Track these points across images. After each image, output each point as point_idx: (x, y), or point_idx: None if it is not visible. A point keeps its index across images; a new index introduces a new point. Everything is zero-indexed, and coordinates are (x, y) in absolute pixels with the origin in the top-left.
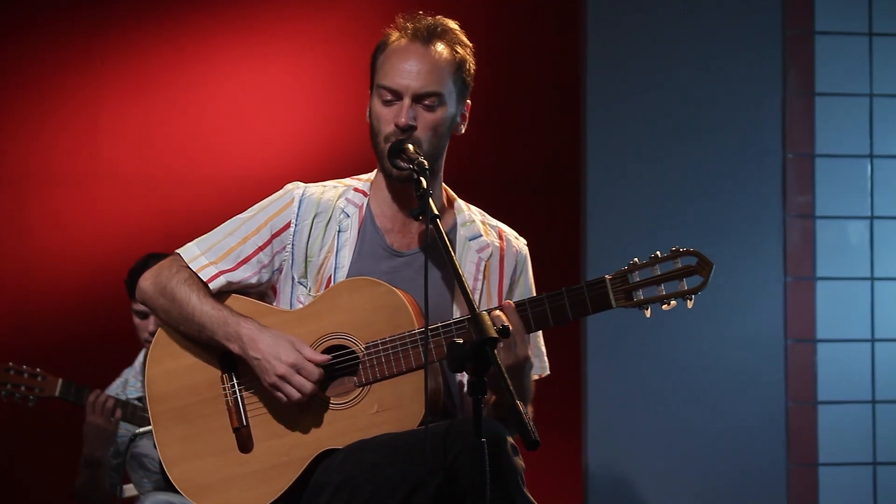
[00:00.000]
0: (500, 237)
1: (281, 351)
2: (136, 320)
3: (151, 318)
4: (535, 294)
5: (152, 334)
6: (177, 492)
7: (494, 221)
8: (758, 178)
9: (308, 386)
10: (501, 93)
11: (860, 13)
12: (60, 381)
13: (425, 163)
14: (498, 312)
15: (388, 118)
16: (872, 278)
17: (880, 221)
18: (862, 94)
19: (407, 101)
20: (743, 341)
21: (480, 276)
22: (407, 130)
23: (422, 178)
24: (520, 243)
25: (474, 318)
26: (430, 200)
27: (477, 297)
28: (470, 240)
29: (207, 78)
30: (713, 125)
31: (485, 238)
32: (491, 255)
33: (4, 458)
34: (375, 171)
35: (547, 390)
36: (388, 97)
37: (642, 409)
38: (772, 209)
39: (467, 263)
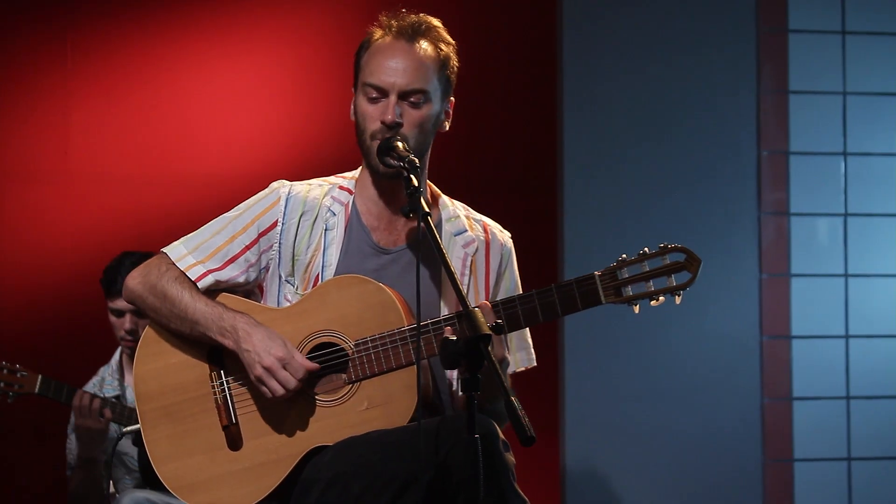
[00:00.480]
0: (485, 231)
1: (272, 345)
2: (112, 318)
3: (128, 316)
4: (520, 286)
5: (129, 332)
6: (156, 489)
7: (478, 216)
8: (732, 176)
9: (292, 382)
10: (477, 90)
11: (833, 11)
12: (40, 377)
13: (416, 160)
14: (487, 304)
15: (374, 115)
16: (846, 275)
17: (854, 218)
18: (835, 91)
19: (393, 98)
20: (718, 338)
21: (467, 271)
22: (393, 128)
23: (412, 176)
24: (504, 236)
25: (468, 315)
26: (420, 198)
27: (464, 291)
28: (455, 235)
29: (181, 75)
30: (688, 122)
31: (470, 233)
32: (477, 250)
33: None
34: (360, 168)
35: (524, 387)
36: (374, 95)
37: (619, 407)
38: (746, 206)
39: (454, 259)
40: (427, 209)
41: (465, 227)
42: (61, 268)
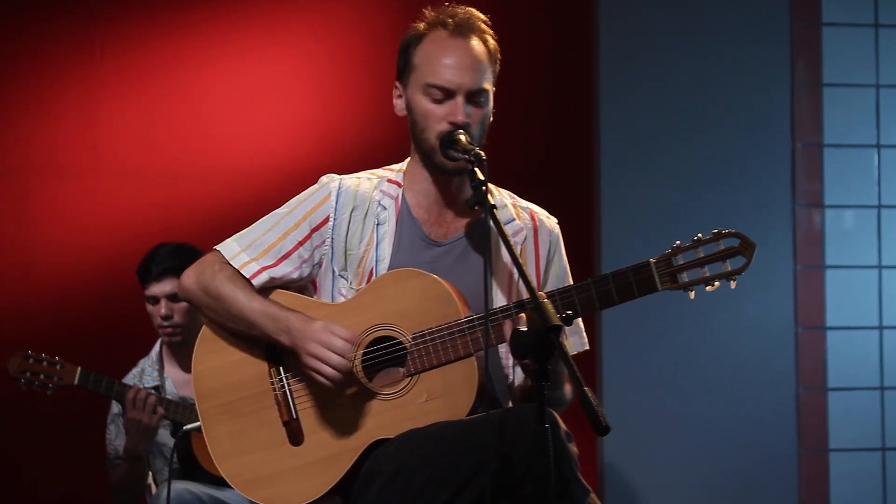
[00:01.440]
0: (532, 218)
1: (330, 338)
2: (149, 307)
3: (163, 302)
4: (569, 272)
5: (164, 318)
6: (195, 480)
7: (525, 203)
8: (767, 168)
9: (348, 366)
10: (515, 85)
11: (866, 4)
12: (79, 369)
13: (482, 154)
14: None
15: (440, 116)
16: (880, 266)
17: (887, 210)
18: (869, 84)
19: (460, 98)
20: (754, 329)
21: (507, 251)
22: (463, 128)
23: (476, 169)
24: (552, 222)
25: (538, 306)
26: (487, 191)
27: (516, 279)
28: (504, 224)
29: (207, 70)
30: (723, 116)
31: (518, 221)
32: (525, 238)
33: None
34: (406, 162)
35: None
36: (439, 95)
37: (656, 396)
38: (781, 198)
39: (504, 248)
40: (493, 202)
41: (512, 215)
42: (91, 262)
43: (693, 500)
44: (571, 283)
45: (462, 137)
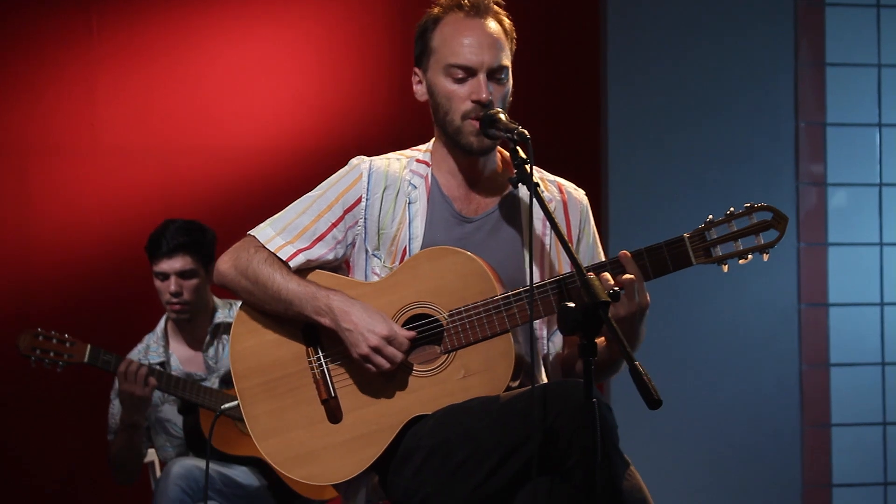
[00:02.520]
0: (561, 191)
1: (374, 323)
2: (157, 283)
3: (172, 279)
4: (599, 243)
5: (174, 294)
6: (201, 456)
7: (551, 176)
8: (771, 147)
9: (399, 356)
10: (523, 65)
11: None
12: (89, 347)
13: (525, 132)
14: (606, 274)
15: (463, 95)
16: (881, 243)
17: (888, 188)
18: (871, 64)
19: (482, 76)
20: (758, 306)
21: (549, 233)
22: (487, 106)
23: (518, 148)
24: (580, 194)
25: (585, 282)
26: (529, 168)
27: (548, 252)
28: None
29: (204, 48)
30: (729, 95)
31: (547, 194)
32: (555, 211)
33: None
34: (431, 142)
35: None
36: (461, 75)
37: (661, 372)
38: (785, 177)
39: (535, 221)
40: (536, 179)
41: (542, 189)
42: (90, 240)
43: (698, 474)
44: (601, 253)
45: (503, 116)
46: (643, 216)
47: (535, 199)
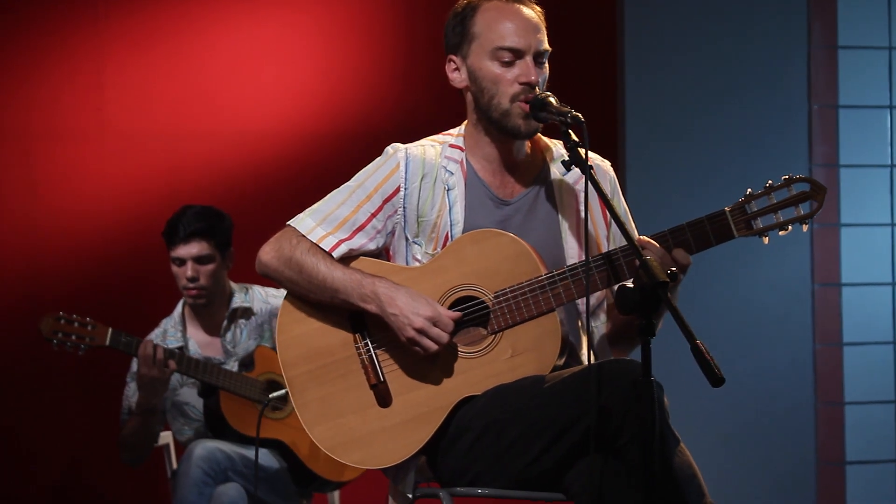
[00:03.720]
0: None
1: (418, 306)
2: (174, 268)
3: (189, 264)
4: (629, 213)
5: (190, 279)
6: (222, 438)
7: None
8: (785, 129)
9: (445, 337)
10: None
11: None
12: (110, 330)
13: (580, 115)
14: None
15: (511, 78)
16: (893, 224)
17: None
18: (882, 46)
19: (529, 59)
20: (772, 286)
21: (583, 208)
22: (533, 87)
23: (570, 131)
24: (606, 165)
25: (644, 262)
26: (587, 152)
27: (583, 228)
28: (564, 175)
29: (210, 32)
30: (744, 79)
31: (576, 170)
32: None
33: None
34: (463, 127)
35: None
36: (508, 58)
37: (676, 351)
38: (799, 158)
39: (568, 197)
40: (589, 161)
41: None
42: (97, 224)
43: (712, 451)
44: (632, 224)
45: (553, 99)
46: (661, 201)
47: (590, 183)
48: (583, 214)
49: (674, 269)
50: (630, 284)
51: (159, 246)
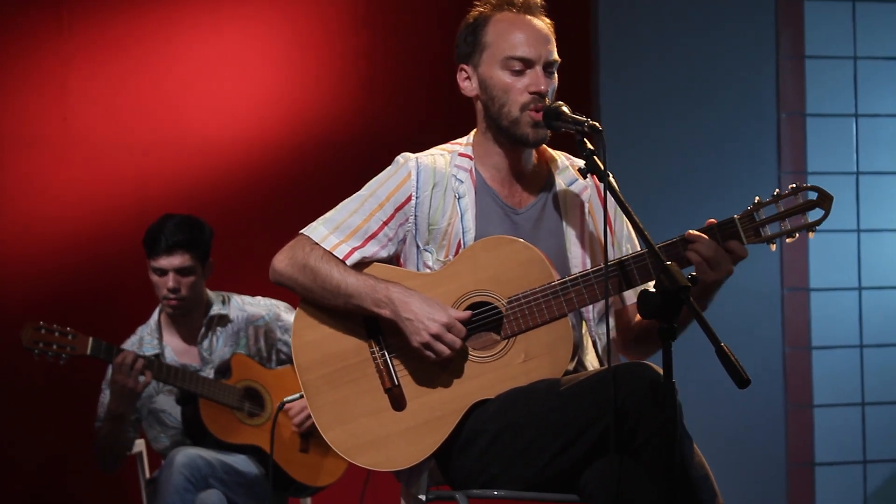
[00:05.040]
0: (592, 176)
1: (433, 311)
2: (154, 278)
3: (171, 275)
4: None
5: (171, 290)
6: (201, 445)
7: (578, 161)
8: (755, 137)
9: (458, 342)
10: None
11: None
12: (91, 339)
13: (597, 124)
14: (704, 237)
15: (521, 87)
16: (859, 230)
17: (865, 176)
18: (847, 56)
19: (539, 68)
20: (743, 291)
21: (588, 218)
22: (543, 97)
23: (585, 139)
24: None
25: (665, 268)
26: (605, 160)
27: (588, 237)
28: (569, 185)
29: (176, 41)
30: (714, 87)
31: (580, 180)
32: (591, 195)
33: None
34: (471, 136)
35: None
36: (518, 67)
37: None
38: (768, 166)
39: (573, 209)
40: (602, 168)
41: (574, 175)
42: (63, 233)
43: None
44: (634, 234)
45: (566, 109)
46: (634, 203)
47: (608, 191)
48: (601, 223)
49: (694, 273)
50: (652, 288)
51: (126, 254)
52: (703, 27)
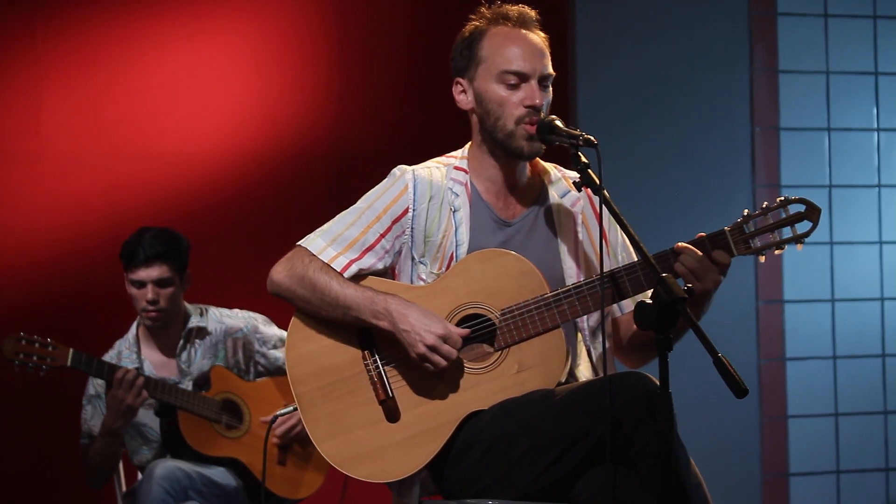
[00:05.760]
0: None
1: (430, 323)
2: (133, 290)
3: (149, 287)
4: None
5: (150, 302)
6: (180, 458)
7: (571, 173)
8: (730, 151)
9: (454, 353)
10: None
11: None
12: (71, 350)
13: (592, 138)
14: (693, 250)
15: (516, 101)
16: (832, 242)
17: (837, 189)
18: (819, 71)
19: (534, 82)
20: (718, 304)
21: (581, 230)
22: (538, 110)
23: (580, 153)
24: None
25: (661, 280)
26: (600, 172)
27: (582, 249)
28: (562, 197)
29: (151, 54)
30: (689, 101)
31: (573, 192)
32: (583, 207)
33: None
34: (466, 149)
35: None
36: (513, 81)
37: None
38: (742, 180)
39: (567, 221)
40: (597, 181)
41: (567, 187)
42: (37, 245)
43: None
44: (629, 245)
45: (559, 123)
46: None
47: (604, 203)
48: (595, 233)
49: (690, 285)
50: (648, 300)
51: (99, 268)
52: (678, 41)
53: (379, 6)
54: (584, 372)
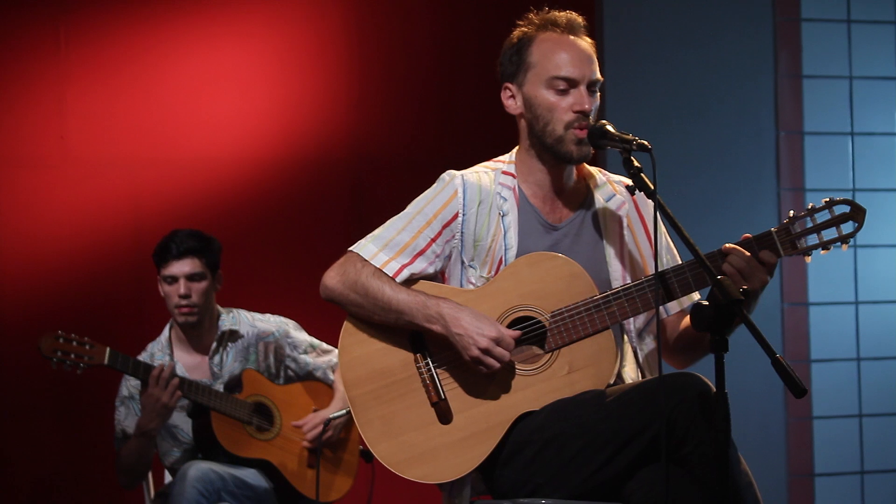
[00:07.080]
0: (627, 188)
1: (483, 326)
2: (165, 287)
3: (181, 281)
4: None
5: (182, 297)
6: (212, 459)
7: (616, 176)
8: (755, 155)
9: (507, 356)
10: None
11: (840, 1)
12: (108, 349)
13: (645, 143)
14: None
15: (565, 106)
16: (855, 246)
17: (861, 193)
18: (843, 76)
19: (583, 88)
20: None
21: (627, 233)
22: (587, 115)
23: (632, 157)
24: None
25: (717, 282)
26: (644, 176)
27: (627, 251)
28: (607, 201)
29: (174, 58)
30: (714, 106)
31: (618, 196)
32: (628, 210)
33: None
34: (513, 154)
35: None
36: (563, 86)
37: None
38: (767, 183)
39: (613, 224)
40: (651, 186)
41: (612, 191)
42: (61, 252)
43: None
44: (674, 247)
45: (611, 127)
46: None
47: (657, 208)
48: (641, 237)
49: (745, 286)
50: (705, 302)
51: (121, 271)
52: (703, 47)
53: (399, 13)
54: (630, 373)
